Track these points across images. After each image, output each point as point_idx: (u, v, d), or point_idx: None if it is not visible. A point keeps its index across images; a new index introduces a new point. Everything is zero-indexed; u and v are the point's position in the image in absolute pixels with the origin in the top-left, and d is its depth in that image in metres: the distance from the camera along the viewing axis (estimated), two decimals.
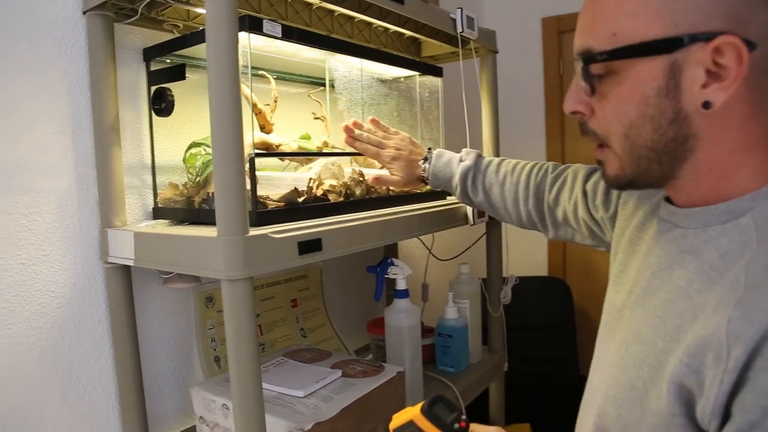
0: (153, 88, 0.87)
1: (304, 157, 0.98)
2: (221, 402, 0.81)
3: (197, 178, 0.86)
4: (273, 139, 0.90)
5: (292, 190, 0.81)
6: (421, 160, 0.96)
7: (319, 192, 0.87)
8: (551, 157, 2.21)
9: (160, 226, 0.84)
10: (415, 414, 0.62)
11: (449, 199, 1.13)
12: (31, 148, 0.79)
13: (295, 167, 1.01)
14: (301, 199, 0.82)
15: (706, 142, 0.52)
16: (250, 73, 0.77)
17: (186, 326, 1.00)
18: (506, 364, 1.31)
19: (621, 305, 0.62)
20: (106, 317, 0.87)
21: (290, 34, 0.79)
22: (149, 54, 0.90)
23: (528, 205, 0.87)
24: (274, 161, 1.00)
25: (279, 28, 0.77)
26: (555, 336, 1.93)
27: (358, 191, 0.93)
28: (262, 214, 0.74)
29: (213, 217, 0.64)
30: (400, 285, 1.04)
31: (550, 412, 1.69)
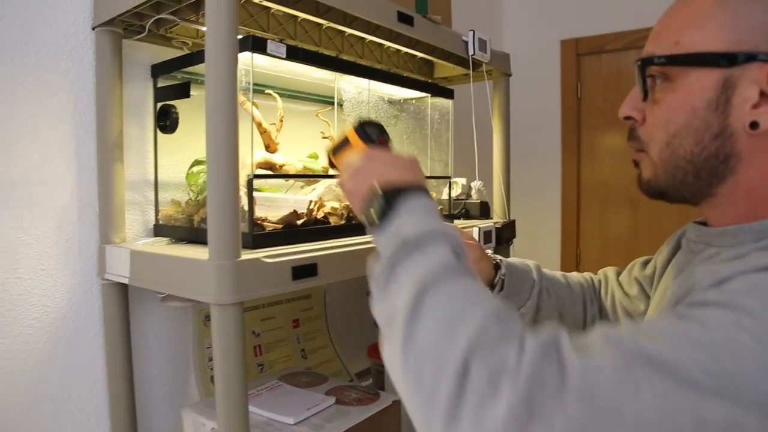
0: (159, 105, 0.87)
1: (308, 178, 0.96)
2: (210, 426, 0.79)
3: (198, 197, 0.85)
4: (277, 158, 0.89)
5: (291, 212, 0.80)
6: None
7: (320, 214, 0.85)
8: (567, 177, 2.19)
9: (158, 245, 0.83)
10: (349, 131, 0.68)
11: (454, 222, 1.10)
12: (34, 162, 0.79)
13: (301, 186, 1.00)
14: (300, 222, 0.80)
15: (749, 165, 0.51)
16: (251, 93, 0.76)
17: (183, 345, 0.98)
18: None
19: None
20: (101, 334, 0.86)
21: (295, 55, 0.78)
22: (157, 70, 0.90)
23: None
24: (278, 181, 0.98)
25: (283, 49, 0.76)
26: None
27: None
28: (259, 236, 0.73)
29: None
30: None
31: None
